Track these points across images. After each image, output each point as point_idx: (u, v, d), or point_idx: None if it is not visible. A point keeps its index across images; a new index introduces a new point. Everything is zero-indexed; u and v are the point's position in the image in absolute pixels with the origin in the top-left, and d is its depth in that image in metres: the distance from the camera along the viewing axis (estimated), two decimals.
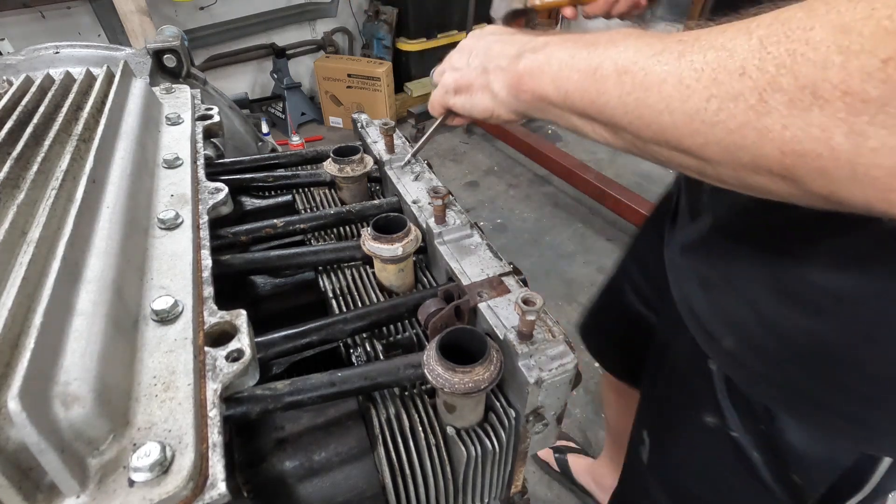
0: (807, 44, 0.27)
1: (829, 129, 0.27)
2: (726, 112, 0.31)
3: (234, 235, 0.58)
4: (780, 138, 0.29)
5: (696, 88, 0.32)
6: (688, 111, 0.33)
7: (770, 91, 0.28)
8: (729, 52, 0.30)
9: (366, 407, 0.45)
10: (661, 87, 0.34)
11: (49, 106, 0.53)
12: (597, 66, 0.39)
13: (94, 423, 0.28)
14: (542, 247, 2.39)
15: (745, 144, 0.31)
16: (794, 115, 0.28)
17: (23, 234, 0.37)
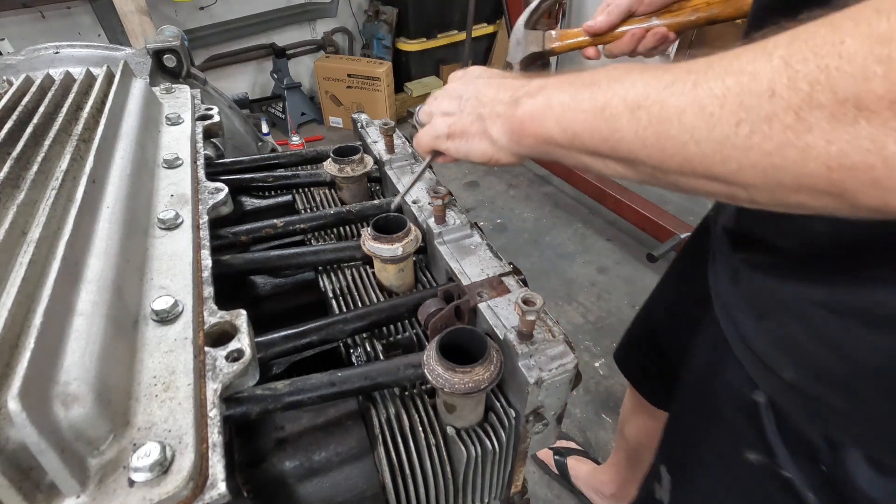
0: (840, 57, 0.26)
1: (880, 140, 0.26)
2: (760, 135, 0.30)
3: (234, 235, 0.58)
4: (825, 154, 0.28)
5: (722, 115, 0.31)
6: (716, 138, 0.32)
7: (808, 108, 0.27)
8: (751, 76, 0.30)
9: (366, 407, 0.45)
10: (681, 118, 0.33)
11: (49, 106, 0.53)
12: (604, 104, 0.38)
13: (94, 423, 0.28)
14: (542, 247, 2.39)
15: (785, 165, 0.30)
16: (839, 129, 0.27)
17: (23, 234, 0.37)
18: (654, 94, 0.35)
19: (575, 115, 0.41)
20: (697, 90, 0.32)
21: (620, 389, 1.72)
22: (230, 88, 3.21)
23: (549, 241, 2.43)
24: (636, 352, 1.06)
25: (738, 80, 0.30)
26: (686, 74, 0.34)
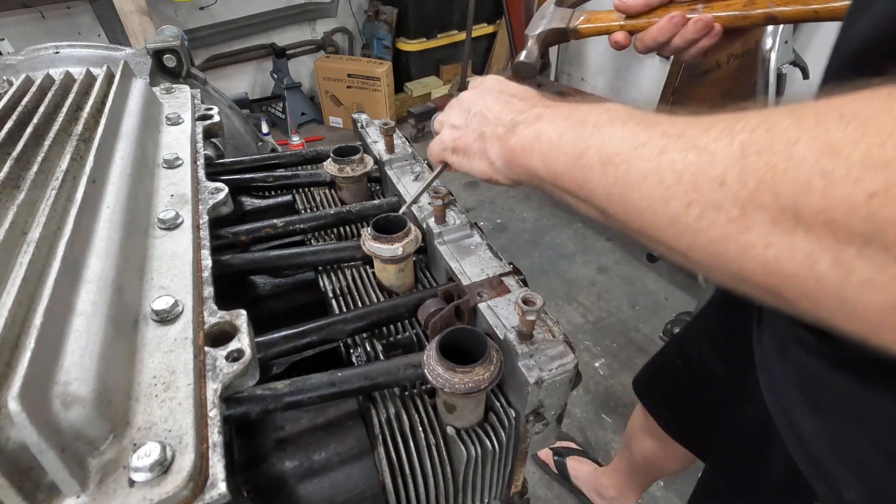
0: (789, 159, 0.25)
1: (814, 256, 0.24)
2: (707, 221, 0.29)
3: (234, 235, 0.58)
4: (762, 256, 0.27)
5: (677, 192, 0.30)
6: (669, 214, 0.31)
7: (752, 206, 0.26)
8: (710, 157, 0.28)
9: (366, 407, 0.45)
10: (642, 185, 0.33)
11: (49, 106, 0.53)
12: (582, 151, 0.38)
13: (94, 423, 0.28)
14: (542, 247, 2.39)
15: (727, 256, 0.29)
16: (777, 234, 0.26)
17: (23, 234, 0.37)
18: (624, 152, 0.34)
19: (557, 156, 0.40)
20: (662, 159, 0.31)
21: (620, 389, 1.72)
22: (230, 88, 3.21)
23: (549, 241, 2.43)
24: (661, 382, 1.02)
25: (698, 158, 0.29)
26: (660, 138, 0.33)
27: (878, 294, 0.23)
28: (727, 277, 0.30)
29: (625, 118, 0.37)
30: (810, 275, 0.25)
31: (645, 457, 1.15)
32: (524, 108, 0.47)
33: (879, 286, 0.23)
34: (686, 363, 0.92)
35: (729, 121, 0.29)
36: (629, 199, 0.34)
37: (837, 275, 0.24)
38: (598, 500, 1.40)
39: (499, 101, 0.50)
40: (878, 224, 0.22)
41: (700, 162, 0.29)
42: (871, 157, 0.22)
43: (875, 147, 0.22)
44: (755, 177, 0.26)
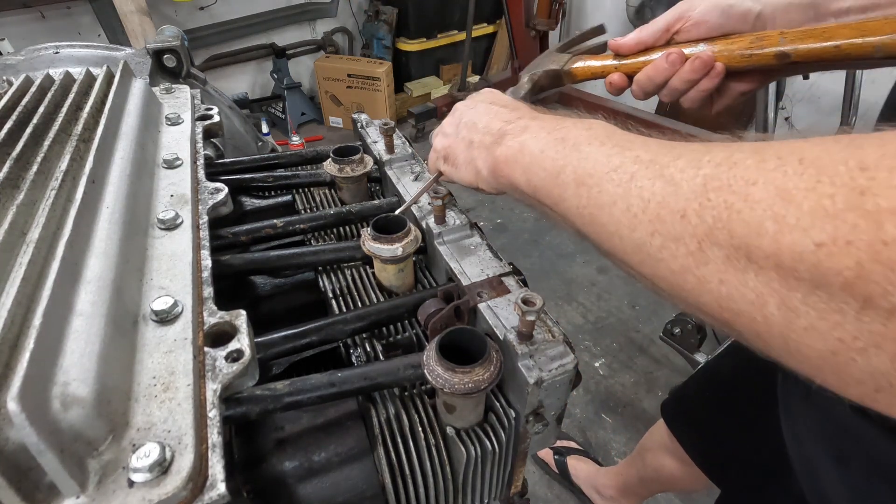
0: (745, 200, 0.25)
1: (763, 297, 0.25)
2: (668, 252, 0.29)
3: (234, 235, 0.58)
4: (717, 291, 0.27)
5: (642, 220, 0.31)
6: (635, 241, 0.31)
7: (708, 242, 0.27)
8: (675, 189, 0.29)
9: (365, 407, 0.45)
10: (612, 209, 0.33)
11: (49, 106, 0.53)
12: (560, 169, 0.38)
13: (94, 423, 0.28)
14: (542, 247, 2.39)
15: (685, 288, 0.29)
16: (731, 272, 0.26)
17: (22, 235, 0.37)
18: (598, 174, 0.35)
19: (537, 171, 0.40)
20: (631, 185, 0.32)
21: (620, 389, 1.72)
22: (230, 88, 3.21)
23: (549, 241, 2.42)
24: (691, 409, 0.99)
25: (663, 189, 0.30)
26: (632, 163, 0.33)
27: (819, 340, 0.23)
28: (688, 307, 0.31)
29: (603, 138, 0.37)
30: (759, 314, 0.25)
31: (659, 473, 1.13)
32: (513, 118, 0.47)
33: (821, 332, 0.23)
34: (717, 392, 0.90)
35: (697, 152, 0.30)
36: (599, 221, 0.34)
37: (784, 317, 0.24)
38: (597, 499, 1.41)
39: (489, 111, 0.50)
40: (823, 273, 0.22)
41: (665, 192, 0.29)
42: (820, 208, 0.22)
43: (825, 197, 0.22)
44: (713, 214, 0.26)
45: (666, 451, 1.09)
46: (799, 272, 0.23)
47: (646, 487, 1.25)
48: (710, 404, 0.93)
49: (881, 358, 0.22)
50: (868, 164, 0.22)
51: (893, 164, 0.21)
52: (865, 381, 0.23)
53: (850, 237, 0.21)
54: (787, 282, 0.24)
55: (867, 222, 0.21)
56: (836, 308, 0.22)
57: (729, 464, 0.88)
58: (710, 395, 0.93)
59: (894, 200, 0.20)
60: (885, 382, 0.22)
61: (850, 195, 0.22)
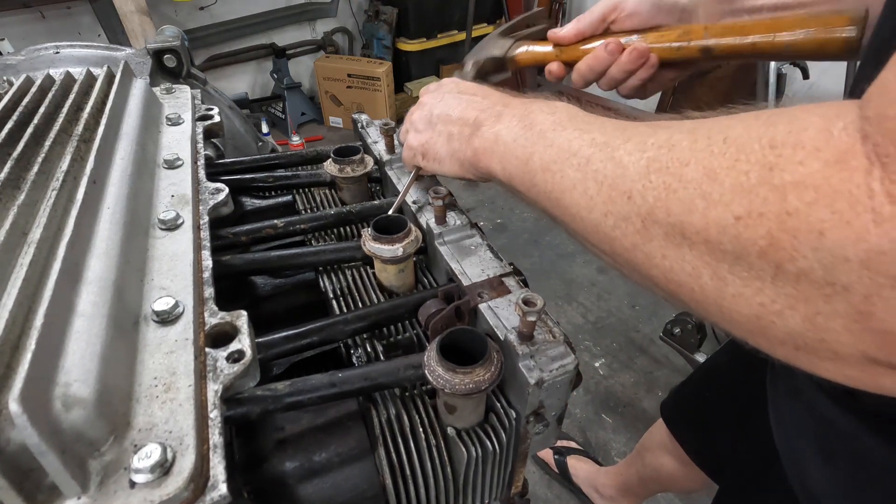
0: (679, 180, 0.27)
1: (698, 269, 0.27)
2: (620, 231, 0.31)
3: (234, 236, 0.58)
4: (661, 265, 0.29)
5: (597, 202, 0.33)
6: (592, 221, 0.34)
7: (650, 220, 0.29)
8: (623, 171, 0.31)
9: (366, 407, 0.45)
10: (571, 193, 0.35)
11: (49, 106, 0.53)
12: (528, 157, 0.40)
13: (95, 424, 0.28)
14: (542, 247, 2.39)
15: (637, 263, 0.31)
16: (670, 247, 0.28)
17: (23, 235, 0.37)
18: (560, 160, 0.36)
19: (511, 160, 0.42)
20: (588, 168, 0.34)
21: (620, 389, 1.72)
22: (230, 88, 3.21)
23: (549, 241, 2.42)
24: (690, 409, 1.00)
25: (614, 171, 0.32)
26: (588, 146, 0.35)
27: (745, 306, 0.25)
28: (642, 282, 0.33)
29: (565, 122, 0.39)
30: (696, 285, 0.28)
31: (659, 472, 1.14)
32: (486, 105, 0.48)
33: (746, 298, 0.25)
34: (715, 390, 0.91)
35: (644, 134, 0.32)
36: (563, 204, 0.36)
37: (716, 287, 0.26)
38: (596, 499, 1.41)
39: (460, 101, 0.50)
40: (742, 244, 0.24)
41: (615, 175, 0.32)
42: (738, 184, 0.24)
43: (742, 174, 0.24)
44: (653, 194, 0.29)
45: (665, 450, 1.09)
46: (724, 244, 0.25)
47: (645, 487, 1.25)
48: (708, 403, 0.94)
49: (795, 319, 0.24)
50: (776, 142, 0.24)
51: (797, 139, 0.23)
52: (786, 340, 0.25)
53: (762, 209, 0.23)
54: (715, 254, 0.26)
55: (774, 195, 0.23)
56: (756, 275, 0.24)
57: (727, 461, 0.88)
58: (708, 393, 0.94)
59: (797, 174, 0.22)
60: (801, 341, 0.24)
61: (762, 171, 0.24)
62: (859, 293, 0.21)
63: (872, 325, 0.21)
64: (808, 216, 0.22)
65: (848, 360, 0.23)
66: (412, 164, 0.57)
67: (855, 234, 0.20)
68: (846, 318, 0.22)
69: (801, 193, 0.22)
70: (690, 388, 1.01)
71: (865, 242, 0.20)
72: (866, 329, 0.22)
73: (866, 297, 0.21)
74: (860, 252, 0.20)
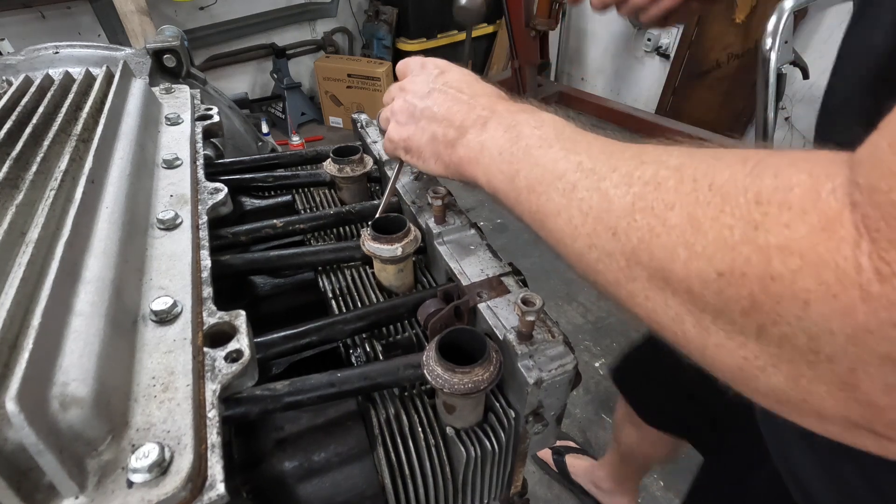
0: (664, 225, 0.26)
1: (681, 315, 0.26)
2: (603, 265, 0.31)
3: (233, 235, 0.58)
4: (644, 307, 0.29)
5: (581, 233, 0.32)
6: (576, 251, 0.33)
7: (633, 261, 0.28)
8: (608, 205, 0.30)
9: (365, 407, 0.45)
10: (556, 219, 0.34)
11: (48, 106, 0.53)
12: (514, 174, 0.39)
13: (93, 423, 0.28)
14: (542, 247, 2.38)
15: (619, 298, 0.31)
16: (653, 291, 0.28)
17: (21, 235, 0.37)
18: (545, 182, 0.36)
19: (496, 174, 0.41)
20: (573, 196, 0.33)
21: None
22: (230, 88, 3.21)
23: None
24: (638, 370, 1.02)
25: (599, 203, 0.31)
26: (574, 171, 0.34)
27: (728, 357, 0.25)
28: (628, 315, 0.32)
29: (552, 140, 0.38)
30: (679, 330, 0.27)
31: (630, 446, 1.17)
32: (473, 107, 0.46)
33: (730, 351, 0.25)
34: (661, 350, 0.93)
35: (631, 164, 0.30)
36: (547, 227, 0.36)
37: (699, 335, 0.26)
38: (596, 493, 1.42)
39: (446, 97, 0.48)
40: (725, 301, 0.23)
41: (600, 208, 0.31)
42: (721, 238, 0.23)
43: (726, 228, 0.23)
44: (637, 235, 0.28)
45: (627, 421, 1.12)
46: (706, 297, 0.24)
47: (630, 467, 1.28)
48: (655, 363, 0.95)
49: (778, 377, 0.23)
50: (762, 198, 0.23)
51: (783, 198, 0.22)
52: (769, 394, 0.25)
53: (745, 269, 0.22)
54: (697, 304, 0.25)
55: (758, 256, 0.22)
56: (739, 330, 0.24)
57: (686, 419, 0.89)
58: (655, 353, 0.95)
59: (782, 237, 0.21)
60: (784, 397, 0.24)
61: (746, 228, 0.23)
62: (844, 366, 0.20)
63: (857, 397, 0.21)
64: (793, 284, 0.21)
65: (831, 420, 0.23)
66: (394, 156, 0.56)
67: (841, 309, 0.20)
68: (830, 386, 0.21)
69: (786, 259, 0.21)
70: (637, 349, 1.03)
71: (852, 319, 0.19)
72: (850, 398, 0.21)
73: (851, 370, 0.20)
74: (846, 327, 0.20)
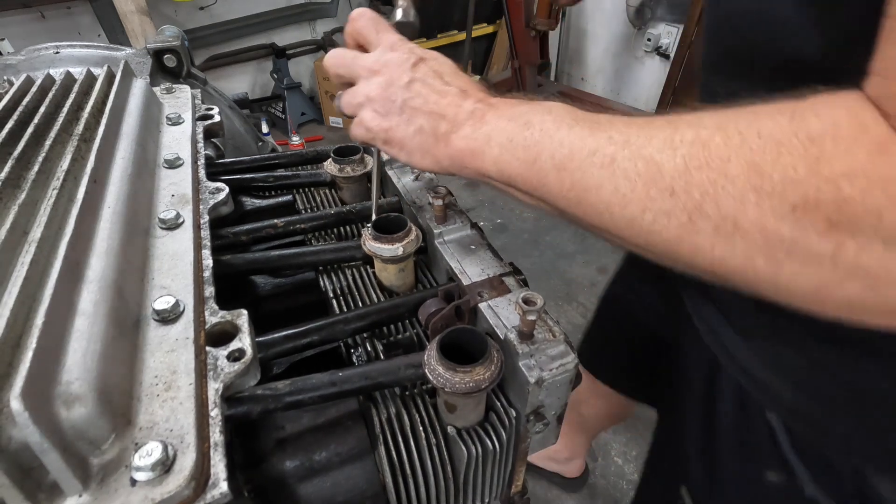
0: (725, 176, 0.29)
1: (752, 255, 0.29)
2: (661, 225, 0.32)
3: (234, 235, 0.58)
4: (710, 256, 0.31)
5: (632, 199, 0.33)
6: (627, 217, 0.34)
7: (698, 214, 0.30)
8: (658, 168, 0.32)
9: (366, 406, 0.45)
10: (598, 192, 0.35)
11: (50, 106, 0.53)
12: (535, 157, 0.39)
13: (96, 422, 0.28)
14: (542, 247, 2.39)
15: (679, 252, 0.32)
16: (721, 239, 0.30)
17: (24, 235, 0.37)
18: (577, 159, 0.36)
19: (510, 161, 0.41)
20: (615, 168, 0.34)
21: None
22: (230, 88, 3.21)
23: (549, 241, 2.43)
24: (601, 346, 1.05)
25: (647, 169, 0.32)
26: (607, 144, 0.35)
27: (804, 281, 0.28)
28: (681, 267, 0.34)
29: (570, 122, 0.39)
30: (749, 268, 0.30)
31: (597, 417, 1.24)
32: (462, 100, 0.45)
33: (806, 276, 0.28)
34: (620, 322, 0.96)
35: (667, 132, 0.32)
36: (587, 202, 0.36)
37: (772, 269, 0.29)
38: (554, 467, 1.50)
39: (431, 90, 0.46)
40: (801, 229, 0.27)
41: (650, 172, 0.32)
42: (788, 177, 0.27)
43: (790, 168, 0.27)
44: (699, 190, 0.30)
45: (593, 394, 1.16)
46: (781, 231, 0.27)
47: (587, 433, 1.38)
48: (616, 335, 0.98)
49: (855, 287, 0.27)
50: (814, 136, 0.26)
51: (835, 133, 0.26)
52: (843, 305, 0.28)
53: (818, 198, 0.26)
54: (770, 241, 0.28)
55: (828, 185, 0.25)
56: (815, 255, 0.27)
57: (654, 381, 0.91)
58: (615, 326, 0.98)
59: (845, 165, 0.25)
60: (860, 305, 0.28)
61: (809, 163, 0.26)
62: None
63: None
64: (865, 202, 0.24)
65: None
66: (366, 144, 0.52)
67: None
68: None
69: (854, 181, 0.25)
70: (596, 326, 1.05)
71: None
72: None
73: None
74: None
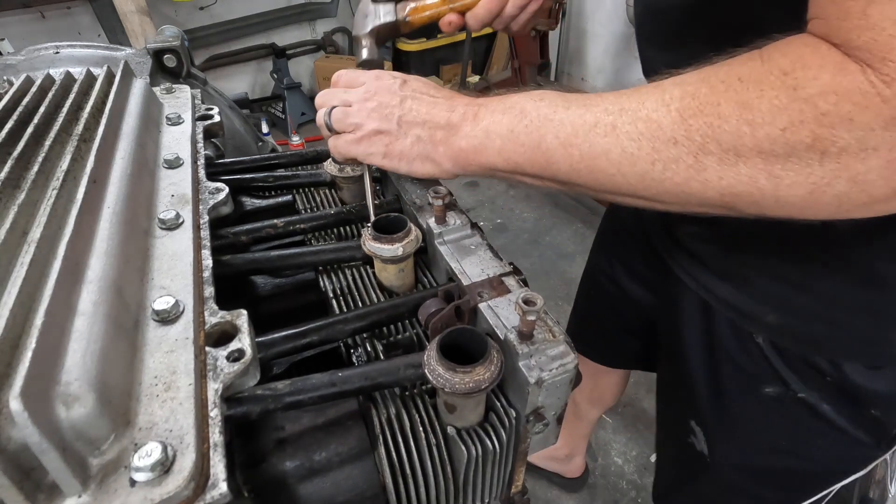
0: (719, 118, 0.34)
1: (755, 176, 0.35)
2: (671, 171, 0.38)
3: (234, 235, 0.58)
4: (718, 186, 0.36)
5: (640, 155, 0.38)
6: (637, 173, 0.39)
7: (702, 154, 0.36)
8: (657, 125, 0.37)
9: (366, 407, 0.45)
10: (608, 157, 0.40)
11: (49, 106, 0.53)
12: (539, 140, 0.44)
13: (96, 422, 0.28)
14: (542, 247, 2.39)
15: (691, 192, 0.38)
16: (726, 169, 0.35)
17: (24, 235, 0.37)
18: (581, 133, 0.42)
19: (515, 148, 0.46)
20: (618, 132, 0.39)
21: None
22: (230, 88, 3.21)
23: (549, 241, 2.43)
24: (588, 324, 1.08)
25: (647, 127, 0.38)
26: (605, 115, 0.40)
27: (800, 189, 0.34)
28: (691, 206, 0.40)
29: (563, 104, 0.44)
30: (754, 189, 0.35)
31: (589, 399, 1.28)
32: (452, 106, 0.51)
33: (801, 183, 0.34)
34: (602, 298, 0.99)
35: (654, 94, 0.38)
36: (598, 168, 0.41)
37: (772, 184, 0.34)
38: (555, 466, 1.49)
39: (421, 103, 0.52)
40: (792, 146, 0.32)
41: (650, 129, 0.38)
42: (773, 106, 0.32)
43: (773, 98, 0.32)
44: (700, 133, 0.35)
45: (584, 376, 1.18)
46: (776, 151, 0.33)
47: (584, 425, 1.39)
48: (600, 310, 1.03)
49: (841, 184, 0.33)
50: (787, 70, 0.32)
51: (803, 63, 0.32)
52: (832, 202, 0.34)
53: (801, 118, 0.31)
54: (768, 160, 0.34)
55: (807, 105, 0.31)
56: (806, 163, 0.33)
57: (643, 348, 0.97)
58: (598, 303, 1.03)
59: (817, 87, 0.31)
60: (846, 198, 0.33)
61: (788, 92, 0.32)
62: (885, 148, 0.30)
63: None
64: (838, 112, 0.30)
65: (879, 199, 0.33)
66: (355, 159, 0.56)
67: (873, 113, 0.29)
68: (879, 170, 0.31)
69: (826, 98, 0.31)
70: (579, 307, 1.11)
71: (881, 115, 0.29)
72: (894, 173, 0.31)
73: (891, 149, 0.30)
74: (880, 122, 0.29)
